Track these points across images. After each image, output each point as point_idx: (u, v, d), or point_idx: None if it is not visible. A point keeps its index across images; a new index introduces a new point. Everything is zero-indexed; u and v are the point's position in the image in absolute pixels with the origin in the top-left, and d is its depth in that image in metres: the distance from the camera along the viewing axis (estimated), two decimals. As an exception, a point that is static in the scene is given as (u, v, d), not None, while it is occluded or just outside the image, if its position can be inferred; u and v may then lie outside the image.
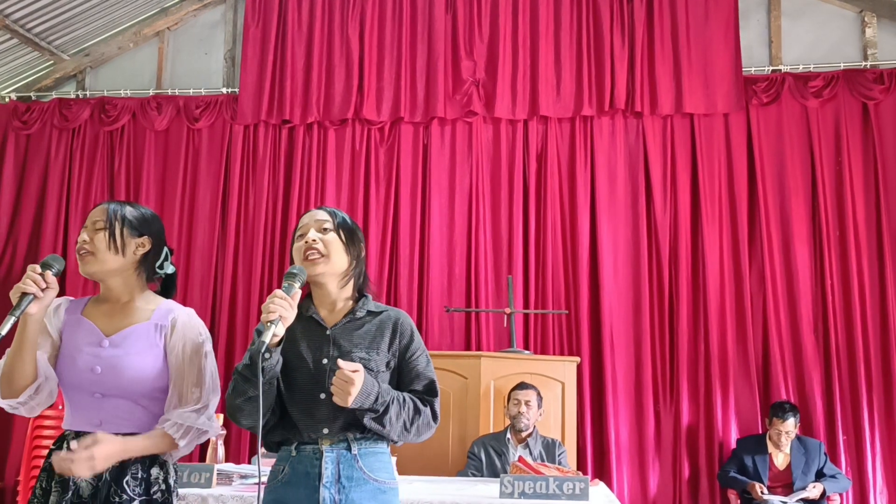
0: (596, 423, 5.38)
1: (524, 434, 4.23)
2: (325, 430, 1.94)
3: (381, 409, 1.90)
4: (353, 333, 2.00)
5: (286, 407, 1.98)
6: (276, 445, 2.03)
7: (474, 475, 4.14)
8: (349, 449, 1.94)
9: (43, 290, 1.91)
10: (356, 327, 2.01)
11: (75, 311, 2.08)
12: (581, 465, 5.08)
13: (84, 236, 2.04)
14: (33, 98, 6.32)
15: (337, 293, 2.04)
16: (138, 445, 1.97)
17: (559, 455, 4.22)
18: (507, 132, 5.73)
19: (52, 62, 6.28)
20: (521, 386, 4.31)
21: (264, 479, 1.98)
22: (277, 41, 5.96)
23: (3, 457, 5.76)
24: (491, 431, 4.41)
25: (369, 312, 2.04)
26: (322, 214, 2.05)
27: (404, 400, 1.95)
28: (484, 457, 4.19)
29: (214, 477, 3.17)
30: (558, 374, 4.64)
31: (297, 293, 1.88)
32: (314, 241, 1.99)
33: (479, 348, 5.41)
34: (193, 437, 2.01)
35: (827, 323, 5.29)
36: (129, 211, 2.09)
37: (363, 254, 2.09)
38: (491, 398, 4.52)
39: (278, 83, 5.91)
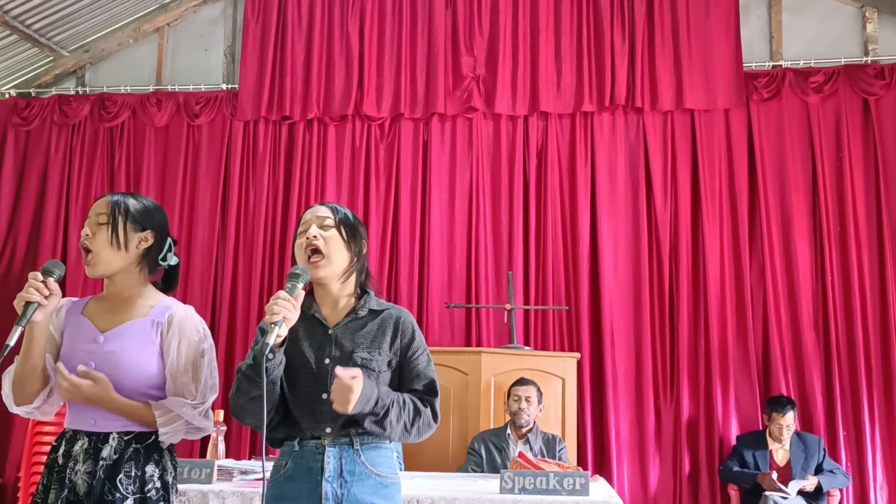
0: (596, 419, 5.38)
1: (524, 430, 4.23)
2: (328, 430, 1.95)
3: (382, 413, 1.90)
4: (354, 333, 2.00)
5: (289, 405, 1.99)
6: (279, 441, 2.04)
7: (474, 471, 4.15)
8: (351, 444, 1.95)
9: (46, 297, 1.92)
10: (358, 327, 2.01)
11: (76, 312, 2.08)
12: (581, 461, 5.09)
13: (86, 230, 2.04)
14: (33, 94, 6.31)
15: (339, 291, 2.04)
16: (123, 406, 1.98)
17: (559, 451, 4.23)
18: (508, 128, 5.73)
19: (51, 58, 6.27)
20: (522, 382, 4.31)
21: (267, 475, 1.99)
22: (277, 37, 5.95)
23: (4, 454, 5.77)
24: (491, 427, 4.41)
25: (371, 311, 2.04)
26: (323, 211, 2.06)
27: (404, 402, 1.95)
28: (484, 452, 4.20)
29: (215, 473, 3.18)
30: (558, 370, 4.65)
31: (301, 294, 1.88)
32: (315, 237, 1.99)
33: (479, 344, 5.41)
34: (180, 427, 2.02)
35: (827, 318, 5.29)
36: (133, 204, 2.09)
37: (365, 250, 2.09)
38: (491, 394, 4.52)
39: (278, 79, 5.90)
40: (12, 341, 1.85)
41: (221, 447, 3.66)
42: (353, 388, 1.82)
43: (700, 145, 5.53)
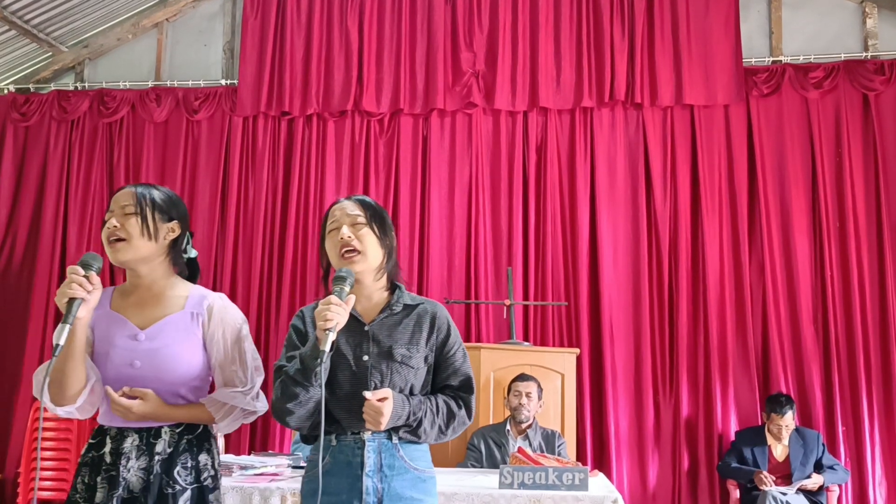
0: (595, 415, 5.38)
1: (524, 425, 4.24)
2: (367, 425, 1.94)
3: (415, 424, 1.94)
4: (391, 329, 2.00)
5: (326, 402, 1.98)
6: (314, 437, 2.02)
7: (474, 466, 4.15)
8: (390, 438, 1.96)
9: (88, 291, 1.86)
10: (394, 322, 2.01)
11: (103, 305, 2.02)
12: (580, 456, 5.10)
13: (114, 222, 1.99)
14: (32, 90, 6.30)
15: (372, 286, 2.04)
16: (177, 415, 1.98)
17: (559, 446, 4.23)
18: (507, 124, 5.73)
19: (50, 54, 6.26)
20: (522, 377, 4.32)
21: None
22: (277, 32, 5.94)
23: (4, 449, 5.76)
24: (491, 423, 4.42)
25: (406, 306, 2.04)
26: (354, 208, 2.03)
27: (437, 407, 1.97)
28: (484, 448, 4.20)
29: (214, 468, 3.17)
30: (558, 366, 4.65)
31: (351, 298, 1.88)
32: (349, 237, 1.98)
33: (478, 340, 5.41)
34: (237, 416, 2.04)
35: (826, 314, 5.29)
36: (158, 194, 2.06)
37: (395, 242, 2.09)
38: (491, 389, 4.53)
39: (277, 75, 5.90)
40: (62, 340, 1.77)
41: (221, 442, 3.66)
42: (382, 411, 1.86)
43: (699, 141, 5.53)
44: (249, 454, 4.59)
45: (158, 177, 5.96)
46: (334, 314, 1.81)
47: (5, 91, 6.30)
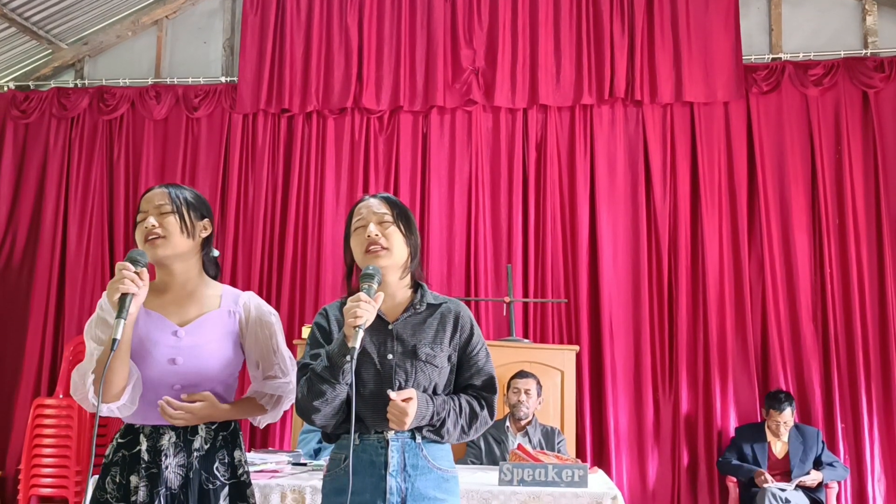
0: (595, 412, 5.39)
1: (523, 422, 4.24)
2: (391, 425, 1.94)
3: (438, 424, 1.94)
4: (415, 328, 2.00)
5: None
6: (336, 436, 2.02)
7: (473, 463, 4.16)
8: (414, 438, 1.96)
9: (139, 287, 1.88)
10: (418, 321, 2.01)
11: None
12: (580, 453, 5.10)
13: (151, 220, 2.01)
14: (32, 87, 6.30)
15: (396, 284, 2.04)
16: (234, 412, 2.05)
17: (558, 443, 4.24)
18: (507, 121, 5.72)
19: (50, 51, 6.26)
20: (521, 374, 4.32)
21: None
22: (276, 30, 5.94)
23: (4, 447, 5.77)
24: (490, 420, 4.41)
25: (429, 305, 2.04)
26: (380, 206, 2.03)
27: (461, 407, 1.98)
28: (483, 445, 4.21)
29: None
30: (557, 363, 4.65)
31: (380, 295, 1.89)
32: (377, 235, 1.98)
33: (478, 337, 5.40)
34: (281, 405, 2.13)
35: (826, 312, 5.30)
36: (189, 193, 2.10)
37: (420, 242, 2.10)
38: (490, 387, 4.52)
39: (277, 72, 5.89)
40: (118, 335, 1.81)
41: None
42: (407, 410, 1.86)
43: (699, 138, 5.53)
44: (249, 451, 4.60)
45: (158, 174, 5.96)
46: (364, 311, 1.82)
47: (5, 88, 6.29)
